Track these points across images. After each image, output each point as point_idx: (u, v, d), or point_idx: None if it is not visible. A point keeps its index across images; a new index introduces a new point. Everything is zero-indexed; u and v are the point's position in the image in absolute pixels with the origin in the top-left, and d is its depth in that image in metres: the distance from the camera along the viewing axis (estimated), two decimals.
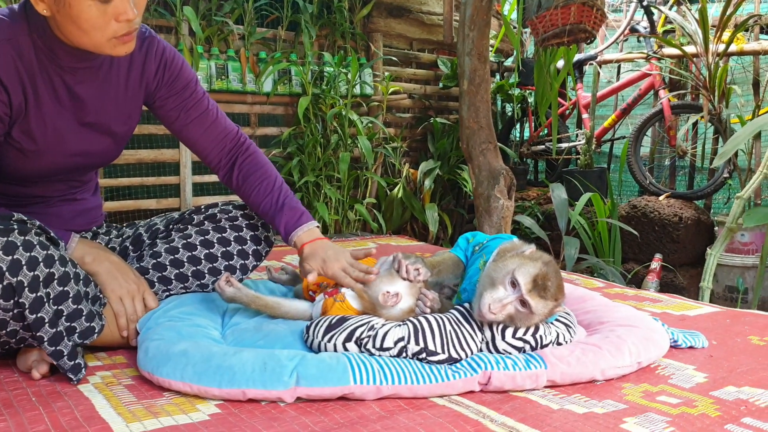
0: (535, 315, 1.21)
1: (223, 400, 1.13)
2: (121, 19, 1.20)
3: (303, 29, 3.48)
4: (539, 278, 1.19)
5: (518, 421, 1.05)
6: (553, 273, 1.21)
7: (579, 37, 2.71)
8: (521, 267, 1.20)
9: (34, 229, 1.19)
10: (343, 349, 1.23)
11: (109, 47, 1.25)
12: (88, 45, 1.24)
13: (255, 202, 1.57)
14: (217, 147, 1.58)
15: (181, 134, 1.57)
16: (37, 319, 1.16)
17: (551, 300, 1.21)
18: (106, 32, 1.21)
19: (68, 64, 1.31)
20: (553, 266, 1.23)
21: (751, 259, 3.31)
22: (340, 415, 1.07)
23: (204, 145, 1.57)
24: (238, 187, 1.60)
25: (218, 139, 1.57)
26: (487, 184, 3.08)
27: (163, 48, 1.48)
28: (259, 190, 1.57)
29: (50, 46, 1.27)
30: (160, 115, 1.55)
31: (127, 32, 1.23)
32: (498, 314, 1.20)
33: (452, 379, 1.16)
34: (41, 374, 1.23)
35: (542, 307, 1.20)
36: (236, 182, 1.59)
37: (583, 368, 1.22)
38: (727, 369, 1.33)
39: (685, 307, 1.90)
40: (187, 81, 1.52)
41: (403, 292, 1.32)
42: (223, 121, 1.59)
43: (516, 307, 1.21)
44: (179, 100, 1.52)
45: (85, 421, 1.03)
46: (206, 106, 1.56)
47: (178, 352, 1.17)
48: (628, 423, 1.05)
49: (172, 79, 1.50)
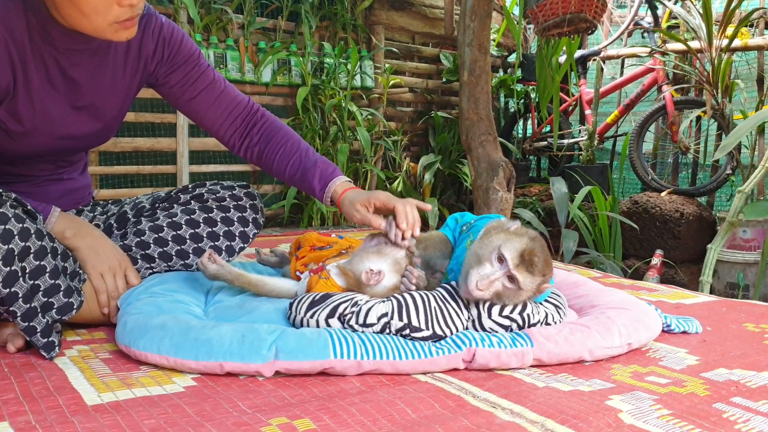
0: (523, 291, 1.18)
1: (200, 374, 1.10)
2: (123, 3, 1.16)
3: (303, 19, 3.46)
4: (526, 253, 1.16)
5: (501, 397, 1.02)
6: (539, 248, 1.18)
7: (580, 27, 2.68)
8: (507, 242, 1.17)
9: (9, 202, 1.16)
10: (326, 325, 1.20)
11: (110, 32, 1.21)
12: (88, 29, 1.20)
13: (280, 165, 1.51)
14: (228, 118, 1.53)
15: (189, 109, 1.52)
16: (11, 293, 1.13)
17: (539, 275, 1.18)
18: (108, 17, 1.17)
19: (64, 46, 1.27)
20: (540, 241, 1.20)
21: (752, 256, 3.27)
22: (319, 389, 1.05)
23: (214, 118, 1.53)
24: (259, 154, 1.54)
25: (229, 109, 1.53)
26: (486, 176, 3.05)
27: (161, 24, 1.44)
28: (284, 151, 1.51)
29: (45, 26, 1.24)
30: (165, 93, 1.51)
31: (129, 17, 1.19)
32: (485, 291, 1.17)
33: (436, 356, 1.13)
34: (16, 348, 1.21)
35: (530, 282, 1.17)
36: (257, 149, 1.53)
37: (570, 348, 1.19)
38: (719, 353, 1.30)
39: (681, 296, 1.87)
40: (188, 54, 1.48)
41: (387, 269, 1.29)
42: (233, 92, 1.55)
43: (503, 283, 1.18)
44: (181, 75, 1.48)
45: (56, 390, 1.00)
46: (212, 77, 1.52)
47: (157, 325, 1.15)
48: (614, 400, 1.02)
49: (173, 55, 1.46)
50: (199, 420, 0.90)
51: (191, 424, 0.88)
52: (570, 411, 0.97)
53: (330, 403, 0.98)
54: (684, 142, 3.69)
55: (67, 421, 0.88)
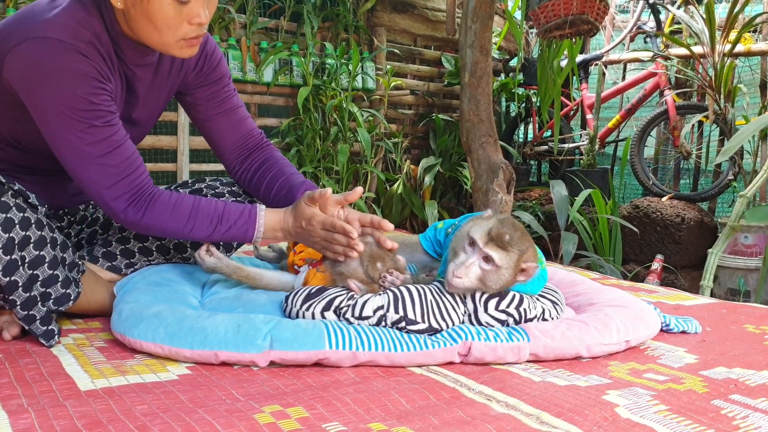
0: (502, 269, 1.17)
1: (194, 363, 1.10)
2: (194, 21, 1.20)
3: (305, 20, 3.46)
4: (494, 231, 1.16)
5: (496, 390, 1.02)
6: (510, 225, 1.19)
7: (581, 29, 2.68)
8: (474, 225, 1.19)
9: (10, 191, 1.16)
10: (321, 318, 1.19)
11: (176, 48, 1.24)
12: (157, 43, 1.23)
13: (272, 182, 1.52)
14: (237, 143, 1.55)
15: (204, 125, 1.53)
16: (11, 282, 1.13)
17: (514, 250, 1.17)
18: (178, 33, 1.20)
19: (131, 61, 1.30)
20: (511, 221, 1.21)
21: (754, 262, 3.26)
22: (313, 379, 1.04)
23: (226, 140, 1.54)
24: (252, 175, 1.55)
25: (244, 138, 1.55)
26: (486, 178, 3.05)
27: (207, 38, 1.47)
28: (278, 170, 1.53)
29: (117, 40, 1.25)
30: (189, 103, 1.52)
31: (196, 35, 1.23)
32: (464, 278, 1.17)
33: (431, 348, 1.12)
34: (12, 336, 1.20)
35: (505, 258, 1.17)
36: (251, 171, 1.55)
37: (567, 343, 1.18)
38: (719, 352, 1.29)
39: (680, 298, 1.86)
40: (222, 74, 1.50)
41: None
42: (251, 123, 1.58)
43: (481, 266, 1.18)
44: (211, 91, 1.49)
45: (50, 376, 1.00)
46: (237, 103, 1.54)
47: (152, 314, 1.14)
48: (611, 395, 1.01)
49: (210, 70, 1.48)
50: (192, 406, 0.89)
51: (184, 410, 0.88)
52: (566, 405, 0.96)
53: (324, 392, 0.98)
54: (686, 147, 3.68)
55: (60, 405, 0.87)
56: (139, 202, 1.26)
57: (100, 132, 1.20)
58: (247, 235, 1.33)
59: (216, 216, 1.31)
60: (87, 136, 1.19)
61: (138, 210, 1.25)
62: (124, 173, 1.24)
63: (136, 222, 1.27)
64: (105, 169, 1.22)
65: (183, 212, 1.29)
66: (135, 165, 1.26)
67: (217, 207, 1.32)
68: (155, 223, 1.28)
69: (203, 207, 1.31)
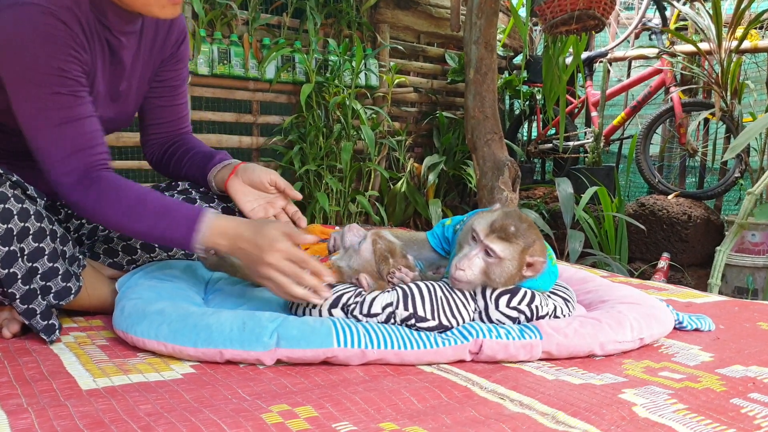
0: (506, 261, 1.14)
1: (199, 361, 1.07)
2: None
3: (308, 16, 3.43)
4: (496, 223, 1.14)
5: (509, 389, 0.99)
6: (514, 217, 1.16)
7: (588, 25, 2.64)
8: (478, 219, 1.17)
9: (8, 182, 1.14)
10: (329, 315, 1.17)
11: (157, 7, 1.22)
12: (138, 3, 1.21)
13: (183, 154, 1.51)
14: (167, 126, 1.53)
15: (147, 104, 1.51)
16: (10, 274, 1.10)
17: (518, 242, 1.14)
18: None
19: (116, 27, 1.28)
20: (518, 213, 1.18)
21: (761, 260, 3.23)
22: (322, 378, 1.01)
23: (158, 120, 1.52)
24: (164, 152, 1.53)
25: (177, 119, 1.53)
26: (491, 176, 3.02)
27: (184, 23, 1.46)
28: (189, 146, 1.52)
29: (101, 6, 1.23)
30: None
31: None
32: (467, 270, 1.14)
33: (442, 346, 1.10)
34: (12, 333, 1.18)
35: (508, 250, 1.14)
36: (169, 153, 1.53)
37: (581, 340, 1.15)
38: (734, 350, 1.26)
39: (691, 296, 1.83)
40: (186, 60, 1.50)
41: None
42: (187, 112, 1.56)
43: (484, 259, 1.15)
44: (170, 74, 1.48)
45: (50, 375, 0.97)
46: (184, 89, 1.53)
47: (155, 311, 1.11)
48: (627, 394, 0.98)
49: (181, 51, 1.47)
50: (197, 406, 0.87)
51: (189, 410, 0.85)
52: (582, 404, 0.93)
53: (333, 391, 0.95)
54: (692, 145, 3.65)
55: (60, 405, 0.85)
56: (86, 179, 1.19)
57: (64, 100, 1.16)
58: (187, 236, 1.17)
59: (162, 208, 1.20)
60: (49, 102, 1.15)
61: (84, 189, 1.18)
62: (79, 147, 1.18)
63: (81, 203, 1.19)
64: (62, 140, 1.17)
65: (129, 197, 1.20)
66: (94, 142, 1.20)
67: (165, 201, 1.22)
68: (97, 206, 1.19)
69: (151, 198, 1.21)
